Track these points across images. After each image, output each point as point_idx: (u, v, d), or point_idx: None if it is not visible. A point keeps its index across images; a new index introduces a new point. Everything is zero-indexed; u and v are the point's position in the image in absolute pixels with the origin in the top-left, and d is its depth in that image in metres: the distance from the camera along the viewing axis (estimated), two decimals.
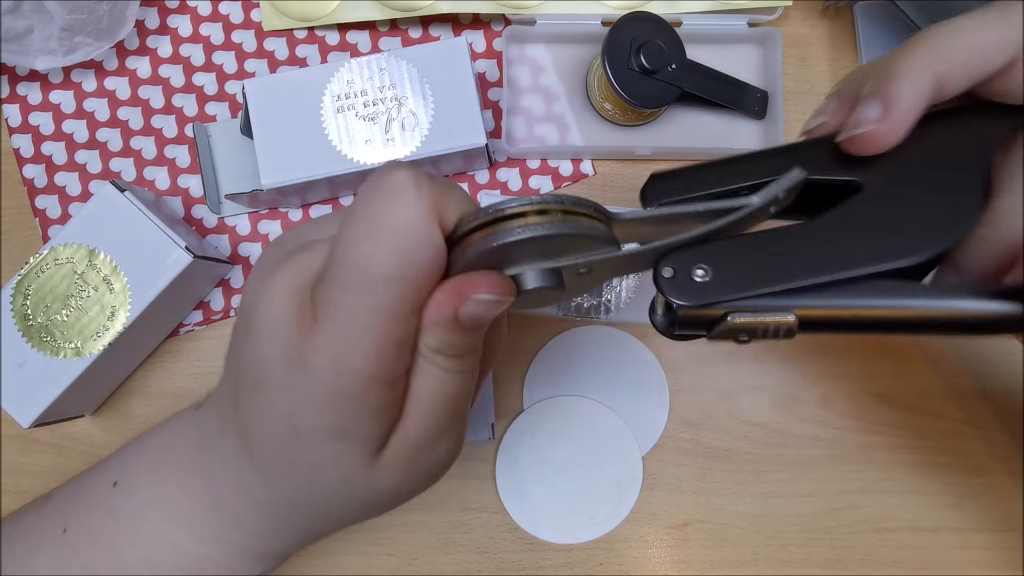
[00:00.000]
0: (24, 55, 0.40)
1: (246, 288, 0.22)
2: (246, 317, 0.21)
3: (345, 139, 0.39)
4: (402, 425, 0.21)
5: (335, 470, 0.21)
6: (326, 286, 0.19)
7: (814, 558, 0.41)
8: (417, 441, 0.22)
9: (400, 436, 0.21)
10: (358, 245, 0.18)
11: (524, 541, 0.41)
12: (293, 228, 0.23)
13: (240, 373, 0.21)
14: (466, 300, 0.19)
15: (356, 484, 0.22)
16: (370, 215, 0.18)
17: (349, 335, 0.19)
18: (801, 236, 0.22)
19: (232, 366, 0.23)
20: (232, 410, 0.22)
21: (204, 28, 0.45)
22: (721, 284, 0.21)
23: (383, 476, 0.22)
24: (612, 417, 0.42)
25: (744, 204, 0.20)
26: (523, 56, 0.44)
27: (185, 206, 0.44)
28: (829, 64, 0.44)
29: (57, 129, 0.44)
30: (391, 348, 0.19)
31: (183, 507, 0.24)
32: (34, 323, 0.37)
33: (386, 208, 0.18)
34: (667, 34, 0.39)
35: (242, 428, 0.22)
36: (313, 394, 0.20)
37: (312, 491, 0.22)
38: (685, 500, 0.42)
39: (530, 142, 0.44)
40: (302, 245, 0.21)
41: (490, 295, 0.20)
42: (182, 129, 0.44)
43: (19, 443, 0.43)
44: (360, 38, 0.45)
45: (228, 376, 0.23)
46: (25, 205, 0.44)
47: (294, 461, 0.21)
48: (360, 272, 0.18)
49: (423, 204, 0.18)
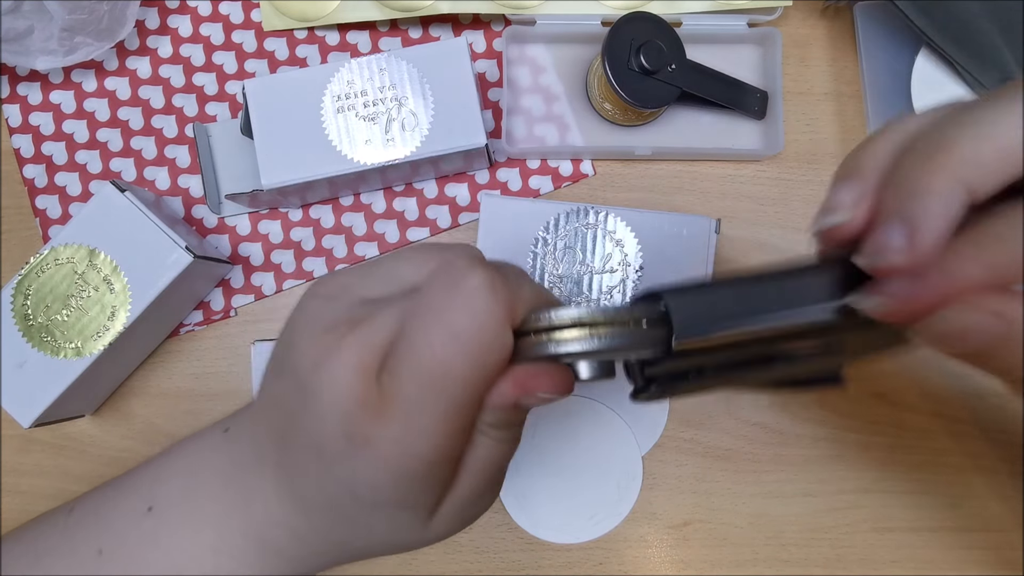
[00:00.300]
0: (24, 55, 0.40)
1: (293, 343, 0.21)
2: (300, 381, 0.21)
3: (345, 139, 0.39)
4: (456, 488, 0.22)
5: (390, 531, 0.22)
6: (397, 378, 0.19)
7: (814, 558, 0.41)
8: (467, 500, 0.23)
9: (453, 497, 0.22)
10: (434, 349, 0.19)
11: (524, 541, 0.41)
12: (335, 277, 0.23)
13: (293, 433, 0.22)
14: (529, 393, 0.20)
15: (408, 539, 0.23)
16: (447, 318, 0.19)
17: (418, 426, 0.19)
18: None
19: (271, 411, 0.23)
20: (276, 452, 0.23)
21: (204, 28, 0.45)
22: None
23: (433, 529, 0.23)
24: (612, 417, 0.42)
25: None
26: (523, 56, 0.44)
27: (185, 206, 0.44)
28: (829, 64, 0.44)
29: (57, 129, 0.44)
30: (456, 435, 0.20)
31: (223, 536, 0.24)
32: (34, 323, 0.37)
33: (463, 313, 0.19)
34: (667, 34, 0.39)
35: (291, 476, 0.23)
36: (376, 471, 0.20)
37: (362, 541, 0.23)
38: (685, 500, 0.42)
39: (530, 142, 0.44)
40: (356, 311, 0.21)
41: (551, 393, 0.21)
42: (182, 129, 0.44)
43: (19, 443, 0.43)
44: (360, 38, 0.45)
45: (263, 415, 0.24)
46: (25, 205, 0.44)
47: (349, 520, 0.22)
48: (435, 374, 0.19)
49: (499, 310, 0.19)
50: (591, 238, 0.39)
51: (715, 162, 0.44)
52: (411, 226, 0.44)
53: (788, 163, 0.44)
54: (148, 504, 0.26)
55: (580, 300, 0.39)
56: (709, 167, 0.44)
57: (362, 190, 0.43)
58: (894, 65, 0.42)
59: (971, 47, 0.39)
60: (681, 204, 0.44)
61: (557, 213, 0.39)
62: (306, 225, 0.44)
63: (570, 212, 0.39)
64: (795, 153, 0.44)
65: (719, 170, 0.44)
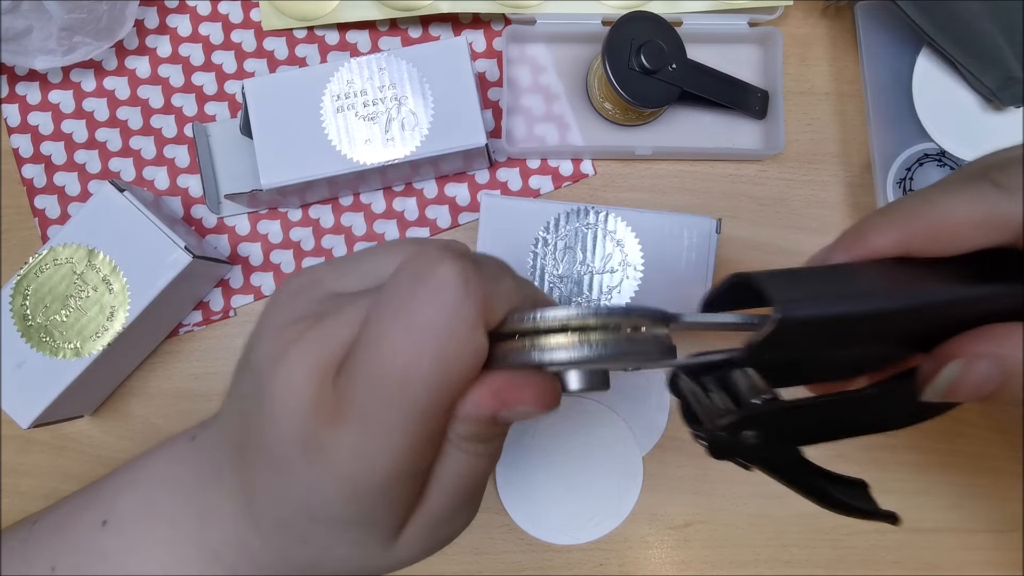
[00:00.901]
0: (23, 55, 0.40)
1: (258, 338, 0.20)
2: (258, 380, 0.19)
3: (345, 139, 0.39)
4: (424, 505, 0.20)
5: (349, 552, 0.20)
6: (352, 381, 0.17)
7: (815, 558, 0.41)
8: (438, 519, 0.21)
9: (421, 515, 0.20)
10: (394, 348, 0.17)
11: (524, 542, 0.41)
12: (309, 271, 0.21)
13: (250, 440, 0.20)
14: (507, 407, 0.18)
15: (370, 562, 0.21)
16: (410, 313, 0.17)
17: (375, 435, 0.17)
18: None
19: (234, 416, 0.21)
20: (236, 463, 0.21)
21: (203, 28, 0.45)
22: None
23: (399, 552, 0.21)
24: (612, 417, 0.41)
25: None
26: (523, 56, 0.44)
27: (184, 206, 0.44)
28: (830, 64, 0.44)
29: (56, 129, 0.44)
30: (419, 447, 0.18)
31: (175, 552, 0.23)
32: (33, 323, 0.37)
33: (429, 308, 0.17)
34: (667, 34, 0.39)
35: (247, 493, 0.21)
36: (331, 485, 0.18)
37: (320, 564, 0.21)
38: (686, 500, 0.42)
39: (530, 142, 0.44)
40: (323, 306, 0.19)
41: (533, 408, 0.18)
42: (181, 129, 0.44)
43: (18, 444, 0.43)
44: (360, 38, 0.45)
45: (226, 420, 0.22)
46: (24, 205, 0.44)
47: (303, 539, 0.20)
48: (394, 376, 0.17)
49: (471, 306, 0.17)
50: (591, 238, 0.39)
51: (716, 162, 0.44)
52: (411, 226, 0.44)
53: (789, 163, 0.44)
54: (103, 518, 0.25)
55: (580, 300, 0.39)
56: (710, 167, 0.44)
57: (362, 190, 0.43)
58: (895, 65, 0.42)
59: (972, 47, 0.39)
60: (682, 204, 0.43)
61: (557, 213, 0.39)
62: (305, 225, 0.44)
63: (570, 212, 0.39)
64: (796, 153, 0.44)
65: (720, 170, 0.44)
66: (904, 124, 0.41)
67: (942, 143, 0.41)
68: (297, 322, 0.19)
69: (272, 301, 0.21)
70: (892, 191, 0.41)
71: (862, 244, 0.21)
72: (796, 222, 0.43)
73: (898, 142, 0.41)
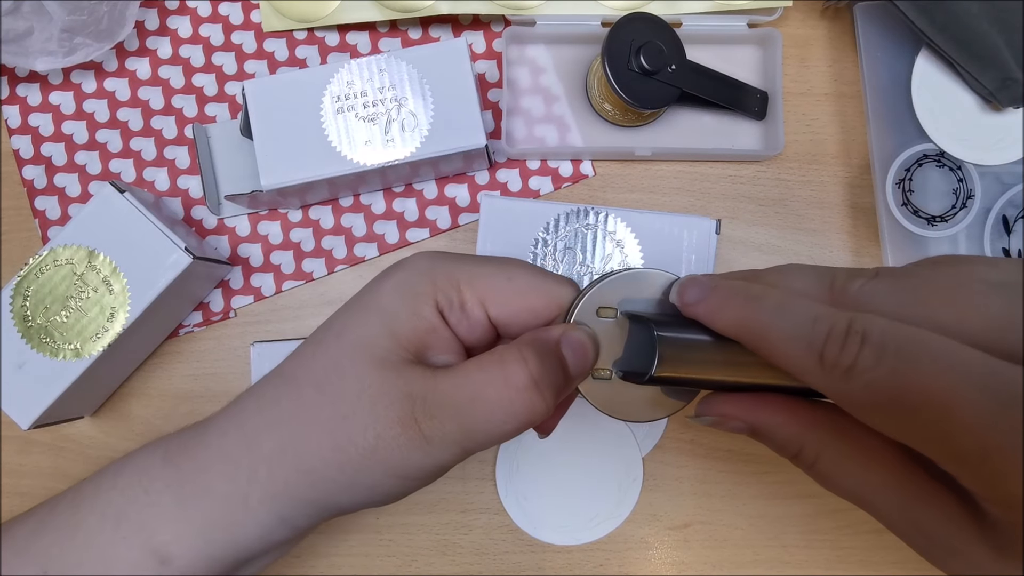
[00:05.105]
0: (24, 56, 0.40)
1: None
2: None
3: (345, 140, 0.39)
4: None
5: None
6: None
7: (815, 559, 0.41)
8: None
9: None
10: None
11: (524, 542, 0.41)
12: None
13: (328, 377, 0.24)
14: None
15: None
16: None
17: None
18: None
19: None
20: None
21: (204, 29, 0.45)
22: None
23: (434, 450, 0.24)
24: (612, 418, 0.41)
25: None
26: (523, 57, 0.44)
27: (185, 207, 0.44)
28: (829, 65, 0.44)
29: (57, 130, 0.44)
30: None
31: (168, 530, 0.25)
32: (33, 324, 0.37)
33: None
34: (667, 35, 0.39)
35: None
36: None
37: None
38: (686, 501, 0.42)
39: (530, 143, 0.44)
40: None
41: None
42: (182, 130, 0.44)
43: (18, 444, 0.43)
44: (360, 39, 0.45)
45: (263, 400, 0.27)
46: (25, 206, 0.44)
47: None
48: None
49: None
50: (591, 239, 0.39)
51: (715, 163, 0.44)
52: (411, 227, 0.44)
53: (788, 163, 0.44)
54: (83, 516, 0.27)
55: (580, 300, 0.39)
56: (709, 168, 0.44)
57: (362, 191, 0.43)
58: (894, 65, 0.42)
59: (971, 48, 0.39)
60: (681, 205, 0.43)
61: (557, 214, 0.39)
62: (305, 226, 0.44)
63: (570, 213, 0.39)
64: (795, 153, 0.44)
65: (719, 171, 0.44)
66: (903, 125, 0.41)
67: (941, 144, 0.41)
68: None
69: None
70: (891, 191, 0.41)
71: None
72: (795, 223, 0.43)
73: (897, 143, 0.41)
